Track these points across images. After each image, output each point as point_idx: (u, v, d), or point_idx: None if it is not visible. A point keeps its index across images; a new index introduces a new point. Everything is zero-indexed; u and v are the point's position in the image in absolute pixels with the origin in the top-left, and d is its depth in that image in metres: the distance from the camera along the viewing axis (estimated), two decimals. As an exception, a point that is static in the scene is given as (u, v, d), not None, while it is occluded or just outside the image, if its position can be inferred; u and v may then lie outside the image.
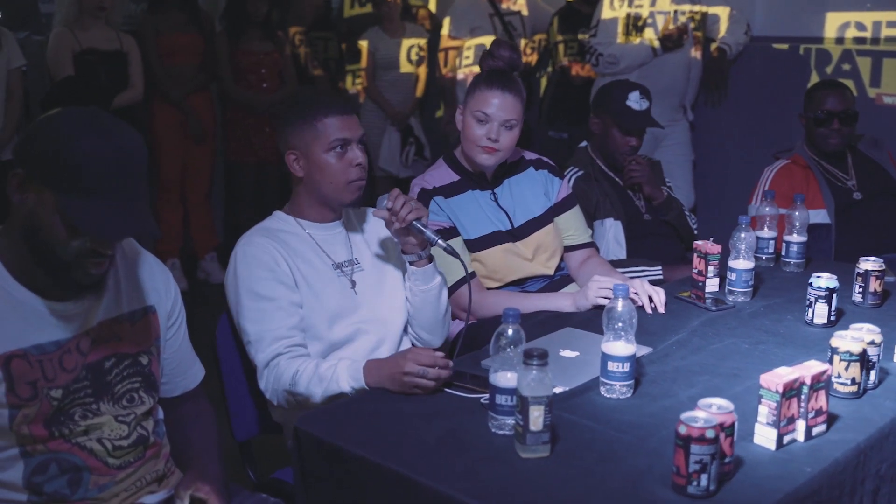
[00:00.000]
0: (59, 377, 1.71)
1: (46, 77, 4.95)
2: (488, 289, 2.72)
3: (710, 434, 1.53)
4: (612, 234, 3.37)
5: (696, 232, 3.59)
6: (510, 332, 1.77)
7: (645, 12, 4.84)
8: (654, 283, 2.87)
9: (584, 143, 3.56)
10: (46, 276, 1.68)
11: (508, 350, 1.76)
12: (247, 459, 2.31)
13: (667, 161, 4.87)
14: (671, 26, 4.80)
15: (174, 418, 1.99)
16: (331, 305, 2.22)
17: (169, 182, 5.40)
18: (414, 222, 2.23)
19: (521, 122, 2.70)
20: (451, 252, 2.26)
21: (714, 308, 2.54)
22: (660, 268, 3.23)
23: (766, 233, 2.97)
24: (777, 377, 1.73)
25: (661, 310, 2.52)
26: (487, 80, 2.67)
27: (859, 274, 2.56)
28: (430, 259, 2.32)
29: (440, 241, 2.25)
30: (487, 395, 1.82)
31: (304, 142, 2.23)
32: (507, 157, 2.75)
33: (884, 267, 2.56)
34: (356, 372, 2.03)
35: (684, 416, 1.56)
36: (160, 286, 1.91)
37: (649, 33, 4.83)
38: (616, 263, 3.19)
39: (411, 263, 2.31)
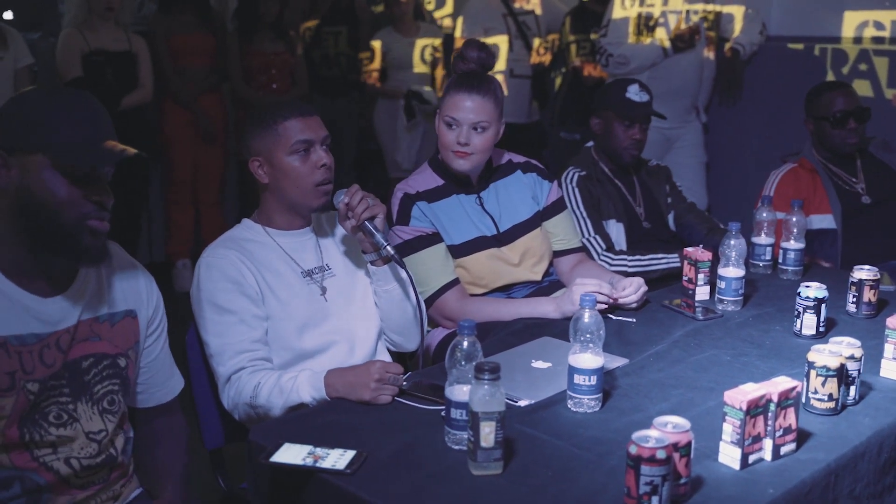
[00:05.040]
0: (38, 370, 1.70)
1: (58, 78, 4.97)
2: (472, 295, 2.66)
3: (660, 455, 1.46)
4: (615, 235, 3.30)
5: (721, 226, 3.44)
6: (465, 344, 1.72)
7: (657, 12, 4.74)
8: (670, 271, 3.03)
9: (589, 144, 3.48)
10: (47, 256, 1.68)
11: (463, 363, 1.71)
12: (216, 468, 2.27)
13: (679, 163, 4.81)
14: (683, 26, 4.70)
15: (145, 433, 1.97)
16: (299, 315, 2.17)
17: (180, 183, 5.39)
18: (366, 223, 2.19)
19: (496, 124, 2.61)
20: (398, 261, 2.23)
21: (701, 317, 2.47)
22: (676, 255, 3.15)
23: (762, 239, 2.88)
24: (741, 394, 1.66)
25: (634, 298, 2.52)
26: (457, 83, 2.59)
27: (853, 283, 2.47)
28: (390, 259, 2.27)
29: (389, 248, 2.21)
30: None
31: (266, 147, 2.20)
32: (484, 160, 2.66)
33: (879, 276, 2.46)
34: (317, 382, 1.98)
35: (636, 435, 1.50)
36: (142, 293, 1.91)
37: (661, 33, 4.73)
38: (635, 250, 3.21)
39: (371, 263, 2.27)
